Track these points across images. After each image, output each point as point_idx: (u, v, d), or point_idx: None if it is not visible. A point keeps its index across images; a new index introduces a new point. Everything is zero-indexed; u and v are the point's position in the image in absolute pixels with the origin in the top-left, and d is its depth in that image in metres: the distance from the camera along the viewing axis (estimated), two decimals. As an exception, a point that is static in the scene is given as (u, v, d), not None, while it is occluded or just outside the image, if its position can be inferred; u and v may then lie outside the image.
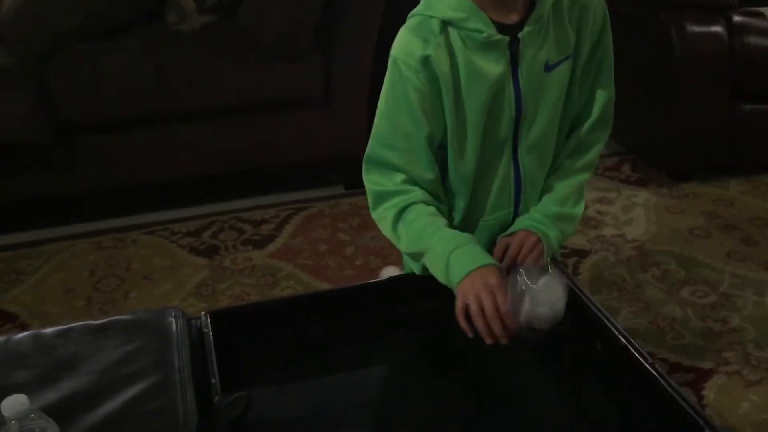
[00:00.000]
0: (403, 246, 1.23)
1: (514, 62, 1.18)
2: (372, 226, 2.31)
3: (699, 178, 2.56)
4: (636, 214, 2.39)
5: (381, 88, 1.23)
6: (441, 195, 1.27)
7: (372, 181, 1.24)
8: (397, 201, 1.21)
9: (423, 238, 1.19)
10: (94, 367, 1.04)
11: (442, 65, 1.15)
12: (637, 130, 2.68)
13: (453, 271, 1.13)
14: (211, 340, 1.10)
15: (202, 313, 1.17)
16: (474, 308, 1.07)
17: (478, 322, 1.07)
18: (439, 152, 1.25)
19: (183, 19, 2.42)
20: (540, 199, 1.33)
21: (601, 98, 1.29)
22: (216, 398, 0.99)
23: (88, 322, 1.14)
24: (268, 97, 2.37)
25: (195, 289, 2.08)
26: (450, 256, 1.14)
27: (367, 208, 1.27)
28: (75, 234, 2.36)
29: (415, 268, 1.33)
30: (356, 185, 2.59)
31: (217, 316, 1.17)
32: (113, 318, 1.15)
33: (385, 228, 1.24)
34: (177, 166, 2.41)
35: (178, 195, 2.51)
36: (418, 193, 1.21)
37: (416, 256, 1.23)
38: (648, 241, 2.23)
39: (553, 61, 1.20)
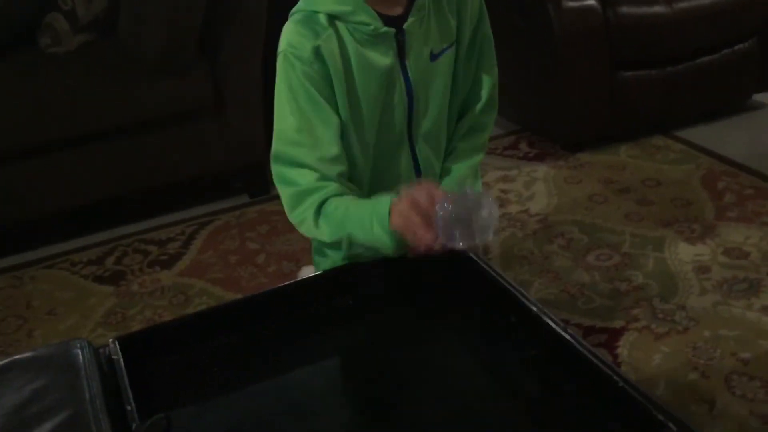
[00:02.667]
0: (327, 236, 1.19)
1: (401, 54, 1.19)
2: (282, 231, 2.32)
3: (591, 147, 2.66)
4: (537, 188, 2.46)
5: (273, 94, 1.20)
6: (356, 188, 1.23)
7: (284, 182, 1.20)
8: (314, 198, 1.17)
9: (344, 220, 1.15)
10: (-1, 412, 0.98)
11: (334, 57, 1.14)
12: (529, 107, 2.76)
13: (379, 214, 1.08)
14: (123, 366, 1.06)
15: (110, 339, 1.12)
16: (406, 226, 1.03)
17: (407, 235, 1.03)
18: None
19: (58, 42, 2.32)
20: (439, 184, 1.35)
21: (487, 81, 1.32)
22: (134, 425, 0.95)
23: (-14, 365, 1.07)
24: (156, 114, 2.31)
25: (103, 318, 2.00)
26: (373, 206, 1.10)
27: (276, 214, 1.25)
28: (-34, 277, 2.23)
29: (326, 265, 1.32)
30: (261, 192, 2.59)
31: (126, 341, 1.12)
32: (14, 358, 1.08)
33: (308, 228, 1.20)
34: (69, 195, 2.31)
35: (74, 224, 2.41)
36: (333, 187, 1.17)
37: (342, 243, 1.19)
38: (551, 213, 2.30)
39: (437, 50, 1.22)
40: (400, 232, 1.06)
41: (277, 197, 1.26)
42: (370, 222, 1.10)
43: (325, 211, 1.16)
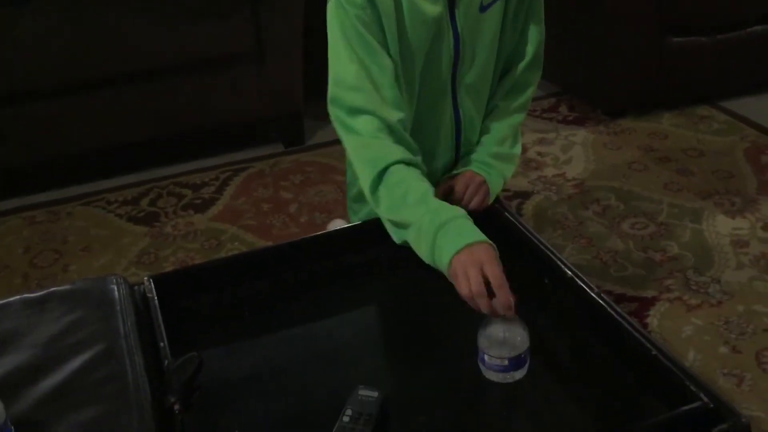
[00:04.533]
0: (382, 211, 1.14)
1: (451, 3, 1.17)
2: (315, 182, 2.32)
3: (633, 113, 2.60)
4: (575, 152, 2.42)
5: (315, 42, 1.18)
6: (413, 142, 1.18)
7: (346, 128, 1.16)
8: (378, 156, 1.11)
9: (406, 208, 1.09)
10: (36, 341, 1.00)
11: (385, 3, 1.12)
12: (571, 70, 2.70)
13: (441, 251, 1.02)
14: (156, 304, 1.08)
15: (145, 277, 1.14)
16: (463, 291, 0.97)
17: (471, 303, 0.97)
18: None
19: (101, -21, 2.31)
20: (479, 141, 1.33)
21: (534, 38, 1.29)
22: (166, 362, 0.97)
23: (25, 295, 1.09)
24: (197, 57, 2.30)
25: (137, 257, 2.03)
26: (437, 234, 1.03)
27: (310, 165, 1.25)
28: (5, 210, 2.27)
29: (360, 216, 1.31)
30: (296, 142, 2.58)
31: (161, 280, 1.14)
32: (52, 289, 1.11)
33: (365, 186, 1.14)
34: (107, 134, 2.33)
35: (111, 163, 2.43)
36: (397, 151, 1.12)
37: (396, 225, 1.13)
38: (588, 178, 2.27)
39: (487, 1, 1.19)
40: (452, 278, 1.00)
41: (311, 148, 1.25)
42: (428, 246, 1.04)
43: (388, 180, 1.11)
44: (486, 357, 0.97)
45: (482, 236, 1.02)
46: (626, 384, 0.99)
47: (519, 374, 0.97)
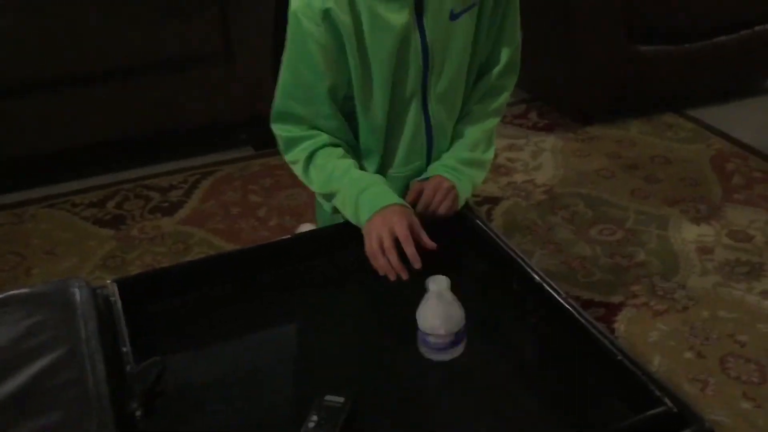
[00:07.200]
0: (315, 188, 1.26)
1: (418, 12, 1.16)
2: (285, 185, 2.30)
3: (602, 120, 2.62)
4: (544, 159, 2.43)
5: (284, 42, 1.20)
6: (349, 141, 1.28)
7: (280, 128, 1.26)
8: (306, 145, 1.24)
9: (333, 181, 1.21)
10: (-6, 345, 0.98)
11: (343, 17, 1.12)
12: (542, 77, 2.72)
13: (361, 211, 1.15)
14: (120, 308, 1.06)
15: (108, 281, 1.12)
16: (373, 246, 1.09)
17: (377, 261, 1.09)
18: (349, 104, 1.23)
19: (68, -22, 2.27)
20: (451, 146, 1.33)
21: (509, 45, 1.29)
22: (128, 367, 0.95)
23: (-18, 299, 1.07)
24: (164, 56, 2.27)
25: (102, 261, 1.99)
26: (358, 197, 1.16)
27: (280, 168, 1.29)
28: (-34, 212, 2.22)
29: (327, 211, 1.32)
30: (266, 145, 2.56)
31: (124, 284, 1.12)
32: (11, 292, 1.08)
33: (298, 171, 1.27)
34: (72, 135, 2.29)
35: (77, 165, 2.39)
36: (324, 137, 1.23)
37: (329, 197, 1.25)
38: (557, 184, 2.29)
39: (458, 9, 1.19)
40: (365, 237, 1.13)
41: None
42: (352, 207, 1.17)
43: (316, 161, 1.23)
44: (420, 334, 1.01)
45: (396, 199, 1.15)
46: (592, 388, 0.99)
47: (457, 351, 1.01)
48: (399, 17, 1.14)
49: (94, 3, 2.19)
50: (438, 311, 1.00)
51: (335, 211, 1.27)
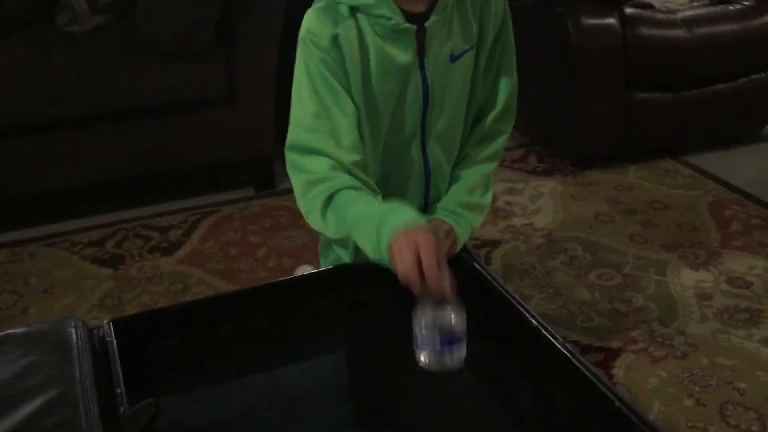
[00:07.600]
0: (331, 231, 1.14)
1: (421, 52, 1.18)
2: (284, 227, 2.31)
3: (601, 165, 2.64)
4: (543, 203, 2.44)
5: (288, 87, 1.19)
6: (370, 180, 1.20)
7: (296, 168, 1.17)
8: (325, 187, 1.12)
9: (350, 217, 1.10)
10: (-13, 385, 0.97)
11: (351, 47, 1.13)
12: (542, 122, 2.74)
13: (382, 234, 1.03)
14: (115, 348, 1.05)
15: (105, 321, 1.11)
16: (398, 270, 1.00)
17: (404, 282, 0.99)
18: None
19: (75, 20, 2.31)
20: (448, 189, 1.34)
21: (505, 89, 1.31)
22: (122, 408, 0.94)
23: (-22, 338, 1.06)
24: (168, 99, 2.30)
25: (99, 300, 1.99)
26: (381, 219, 1.05)
27: (280, 209, 1.24)
28: (-34, 250, 2.22)
29: (330, 260, 1.31)
30: (266, 186, 2.57)
31: (120, 324, 1.12)
32: (6, 332, 1.08)
33: (314, 219, 1.15)
34: (74, 174, 2.30)
35: (77, 204, 2.39)
36: (345, 179, 1.13)
37: (345, 240, 1.16)
38: (555, 228, 2.29)
39: (458, 51, 1.21)
40: (390, 258, 1.02)
41: (282, 193, 1.26)
42: (375, 234, 1.05)
43: (335, 204, 1.12)
44: (418, 340, 0.98)
45: (422, 220, 1.04)
46: (590, 436, 0.98)
47: (456, 359, 0.97)
48: (404, 57, 1.17)
49: (99, 47, 2.23)
50: (432, 314, 0.98)
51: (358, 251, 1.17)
